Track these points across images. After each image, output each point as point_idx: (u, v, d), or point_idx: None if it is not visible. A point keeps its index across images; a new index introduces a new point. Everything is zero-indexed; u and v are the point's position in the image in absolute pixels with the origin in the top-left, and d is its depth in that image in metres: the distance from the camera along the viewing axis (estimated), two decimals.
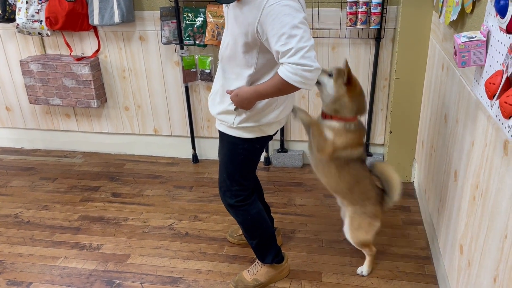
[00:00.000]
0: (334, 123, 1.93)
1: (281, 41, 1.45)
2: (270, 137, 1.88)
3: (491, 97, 1.25)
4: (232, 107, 1.74)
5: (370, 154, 3.10)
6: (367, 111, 2.98)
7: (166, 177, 3.17)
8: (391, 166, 2.09)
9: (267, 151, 3.26)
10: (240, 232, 2.44)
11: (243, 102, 1.67)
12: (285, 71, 1.49)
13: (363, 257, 2.29)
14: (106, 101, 3.31)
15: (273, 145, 3.27)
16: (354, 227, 2.10)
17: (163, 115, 3.29)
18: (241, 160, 1.87)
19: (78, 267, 2.30)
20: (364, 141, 2.03)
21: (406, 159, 2.90)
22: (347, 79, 1.86)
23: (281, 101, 1.78)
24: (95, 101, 3.17)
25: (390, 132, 2.84)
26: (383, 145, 3.09)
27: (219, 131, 1.88)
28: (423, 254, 2.31)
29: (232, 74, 1.73)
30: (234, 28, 1.62)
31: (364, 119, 3.02)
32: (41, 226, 2.64)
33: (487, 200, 1.44)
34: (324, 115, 1.97)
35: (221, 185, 1.98)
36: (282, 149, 3.24)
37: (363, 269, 2.21)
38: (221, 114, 1.80)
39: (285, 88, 1.54)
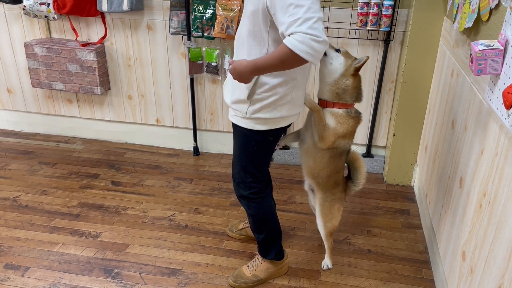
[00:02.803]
0: (337, 110, 1.92)
1: (288, 12, 1.40)
2: (283, 129, 1.86)
3: (508, 107, 1.25)
4: (244, 95, 1.71)
5: (371, 156, 3.11)
6: (371, 113, 2.99)
7: (166, 168, 3.15)
8: (360, 156, 2.16)
9: None
10: (240, 227, 2.44)
11: (240, 76, 1.61)
12: (292, 40, 1.40)
13: (362, 258, 2.31)
14: (109, 89, 3.28)
15: None
16: (327, 217, 2.16)
17: (166, 105, 3.28)
18: (254, 152, 1.86)
19: (76, 254, 2.29)
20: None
21: (407, 162, 2.91)
22: (361, 66, 1.87)
23: (296, 94, 1.76)
24: (98, 88, 3.15)
25: (394, 135, 2.84)
26: (385, 147, 3.10)
27: (232, 123, 1.87)
28: (421, 258, 2.33)
29: (244, 56, 1.69)
30: (247, 7, 1.60)
31: (368, 121, 3.03)
32: (39, 211, 2.63)
33: (495, 208, 1.45)
34: (325, 104, 1.94)
35: (235, 177, 1.97)
36: (284, 146, 3.24)
37: (328, 262, 2.25)
38: (234, 103, 1.77)
39: (289, 60, 1.45)
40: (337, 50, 1.88)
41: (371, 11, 2.62)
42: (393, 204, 2.78)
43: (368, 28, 2.67)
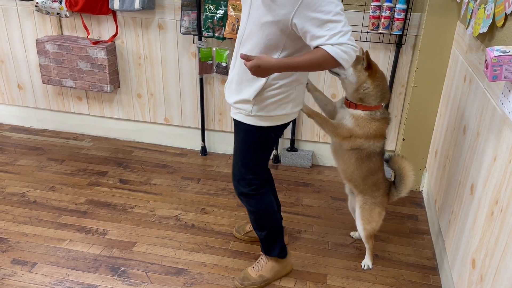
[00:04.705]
0: (359, 112, 1.94)
1: (326, 27, 1.52)
2: (285, 126, 1.90)
3: None
4: (250, 96, 1.74)
5: None
6: None
7: (174, 167, 3.16)
8: (410, 164, 2.13)
9: (276, 149, 3.25)
10: (248, 229, 2.44)
11: (263, 73, 1.64)
12: (336, 49, 1.53)
13: None
14: (119, 87, 3.29)
15: (283, 143, 3.26)
16: (367, 220, 2.16)
17: (175, 105, 3.28)
18: (256, 148, 1.90)
19: (83, 251, 2.30)
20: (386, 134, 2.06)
21: (416, 167, 2.89)
22: (367, 64, 1.87)
23: (298, 93, 1.82)
24: (108, 86, 3.15)
25: (403, 139, 2.82)
26: (394, 151, 3.08)
27: (235, 120, 1.89)
28: (429, 264, 2.30)
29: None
30: (260, 16, 1.62)
31: None
32: (47, 207, 2.64)
33: (508, 216, 1.43)
34: (349, 104, 1.97)
35: (235, 174, 1.99)
36: (292, 148, 3.23)
37: (367, 262, 2.26)
38: (238, 103, 1.81)
39: (327, 64, 1.58)
40: None
41: (383, 14, 2.61)
42: (401, 209, 2.76)
43: (380, 31, 2.66)
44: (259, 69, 1.61)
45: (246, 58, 1.62)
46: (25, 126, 3.67)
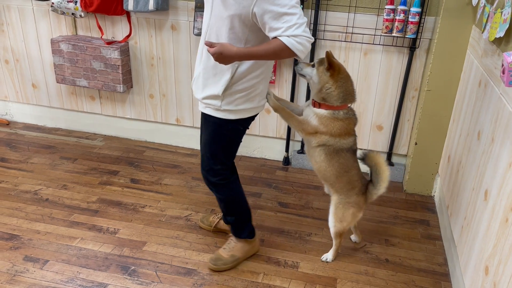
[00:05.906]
0: (322, 111, 1.98)
1: (283, 19, 1.62)
2: (252, 118, 2.00)
3: None
4: (219, 92, 1.82)
5: (391, 164, 3.07)
6: (393, 121, 2.95)
7: (185, 167, 3.17)
8: (384, 159, 2.14)
9: (287, 151, 3.24)
10: (211, 219, 2.48)
11: (225, 60, 1.71)
12: (291, 41, 1.63)
13: (380, 267, 2.28)
14: (131, 87, 3.32)
15: (294, 145, 3.25)
16: (339, 219, 2.18)
17: (187, 105, 3.29)
18: (225, 140, 2.00)
19: (94, 249, 2.31)
20: (355, 131, 2.08)
21: (428, 172, 2.86)
22: (328, 64, 1.90)
23: (264, 87, 1.93)
24: (121, 86, 3.18)
25: (416, 143, 2.80)
26: (406, 155, 3.05)
27: (203, 113, 1.96)
28: (441, 270, 2.28)
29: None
30: (222, 11, 1.70)
31: (389, 128, 2.99)
32: (59, 205, 2.66)
33: None
34: (313, 103, 2.02)
35: (203, 164, 2.07)
36: (302, 150, 3.22)
37: (328, 256, 2.29)
38: (207, 98, 1.89)
39: (283, 54, 1.67)
40: (313, 66, 1.98)
41: (397, 17, 2.59)
42: (413, 214, 2.74)
43: (393, 34, 2.64)
44: (221, 56, 1.69)
45: (209, 44, 1.70)
46: (39, 125, 3.71)
